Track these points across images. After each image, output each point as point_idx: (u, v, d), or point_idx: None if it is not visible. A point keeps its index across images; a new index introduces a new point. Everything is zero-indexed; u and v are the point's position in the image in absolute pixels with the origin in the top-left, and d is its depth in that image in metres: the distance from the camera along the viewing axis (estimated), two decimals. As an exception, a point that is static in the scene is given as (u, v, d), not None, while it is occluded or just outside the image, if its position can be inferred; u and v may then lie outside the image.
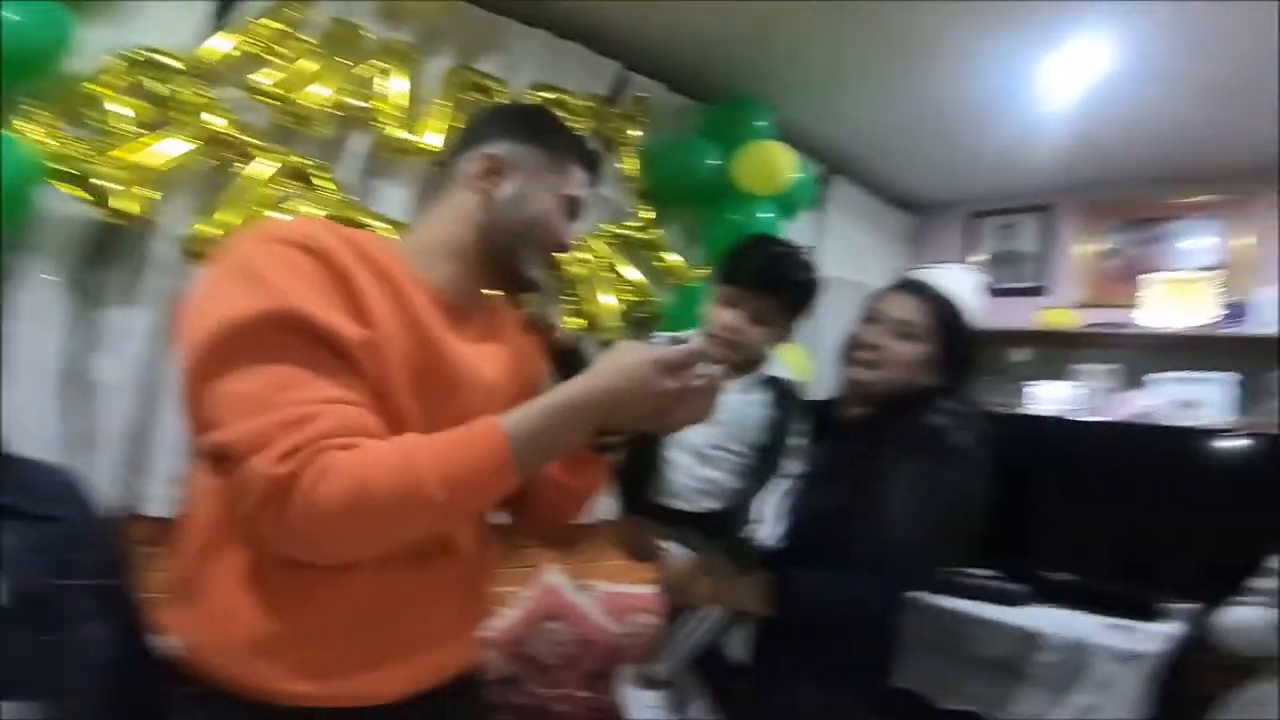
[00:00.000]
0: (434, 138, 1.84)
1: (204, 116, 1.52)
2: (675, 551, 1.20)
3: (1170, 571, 1.98)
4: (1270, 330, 2.36)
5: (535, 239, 0.91)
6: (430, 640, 0.86)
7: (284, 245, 0.74)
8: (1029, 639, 1.79)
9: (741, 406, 1.18)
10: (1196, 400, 2.29)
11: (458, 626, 0.92)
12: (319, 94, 1.66)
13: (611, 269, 2.29)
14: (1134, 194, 2.95)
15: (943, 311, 1.22)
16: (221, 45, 1.56)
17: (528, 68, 2.12)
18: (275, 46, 1.63)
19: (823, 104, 2.58)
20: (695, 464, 1.18)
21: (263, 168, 1.59)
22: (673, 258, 2.43)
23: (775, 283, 1.15)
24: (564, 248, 0.95)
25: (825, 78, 2.40)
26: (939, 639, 1.85)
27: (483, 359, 0.91)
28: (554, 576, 2.39)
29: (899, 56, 2.20)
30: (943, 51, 2.15)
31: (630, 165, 2.34)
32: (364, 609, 0.80)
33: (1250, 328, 2.45)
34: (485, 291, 0.94)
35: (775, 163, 2.33)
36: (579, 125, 2.21)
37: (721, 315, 1.17)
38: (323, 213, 1.64)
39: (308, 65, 1.67)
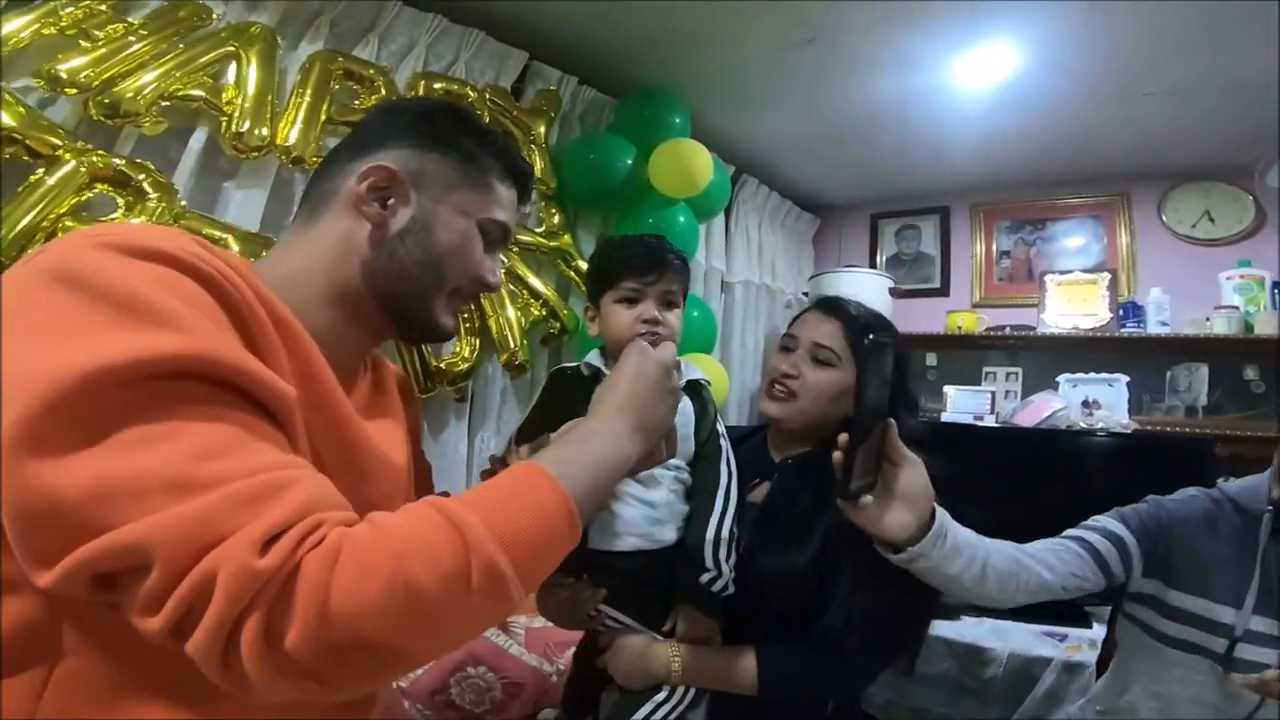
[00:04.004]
0: (295, 135, 1.57)
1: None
2: (618, 624, 1.03)
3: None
4: (1163, 330, 2.50)
5: (444, 279, 0.69)
6: None
7: (154, 263, 0.49)
8: (974, 653, 1.80)
9: None
10: (1097, 401, 2.39)
11: None
12: (143, 83, 1.37)
13: (516, 280, 2.07)
14: (1022, 195, 3.07)
15: (863, 332, 1.08)
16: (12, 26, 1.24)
17: (417, 55, 1.86)
18: (89, 29, 1.32)
19: (734, 102, 2.48)
20: (633, 486, 0.99)
21: (69, 171, 1.27)
22: (585, 266, 2.25)
23: (667, 260, 1.05)
24: (487, 286, 0.73)
25: (736, 76, 2.30)
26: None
27: (384, 437, 0.72)
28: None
29: (809, 57, 2.13)
30: (852, 54, 2.10)
31: (537, 164, 2.12)
32: None
33: (1140, 328, 2.58)
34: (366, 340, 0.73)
35: (693, 162, 2.19)
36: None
37: (631, 313, 1.03)
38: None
39: (130, 49, 1.36)
